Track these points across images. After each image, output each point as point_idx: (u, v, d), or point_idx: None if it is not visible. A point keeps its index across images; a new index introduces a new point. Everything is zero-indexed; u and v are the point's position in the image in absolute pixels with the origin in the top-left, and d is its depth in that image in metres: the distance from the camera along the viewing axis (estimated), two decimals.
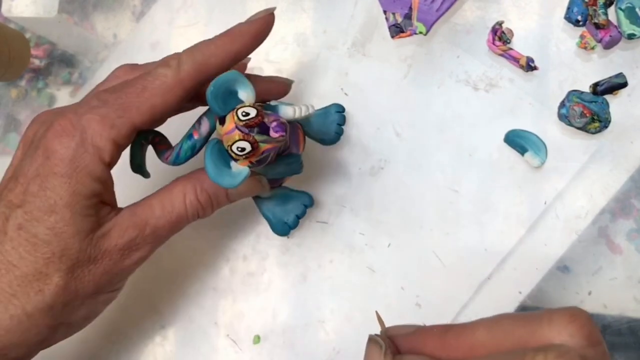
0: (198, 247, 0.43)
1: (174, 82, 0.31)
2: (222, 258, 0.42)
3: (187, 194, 0.33)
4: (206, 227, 0.43)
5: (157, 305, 0.43)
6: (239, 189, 0.34)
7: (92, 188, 0.30)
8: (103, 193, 0.31)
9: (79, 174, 0.29)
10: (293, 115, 0.33)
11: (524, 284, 0.38)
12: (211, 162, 0.30)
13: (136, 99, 0.30)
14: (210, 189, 0.33)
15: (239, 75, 0.31)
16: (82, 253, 0.30)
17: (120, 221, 0.31)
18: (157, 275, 0.43)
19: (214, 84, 0.30)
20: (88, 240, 0.30)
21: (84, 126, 0.30)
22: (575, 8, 0.39)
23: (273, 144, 0.31)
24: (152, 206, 0.32)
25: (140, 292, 0.43)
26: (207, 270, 0.42)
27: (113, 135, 0.30)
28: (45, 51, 0.49)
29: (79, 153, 0.29)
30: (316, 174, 0.41)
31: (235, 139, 0.30)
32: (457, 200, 0.39)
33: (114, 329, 0.43)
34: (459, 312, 0.38)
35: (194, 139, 0.33)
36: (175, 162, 0.34)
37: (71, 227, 0.29)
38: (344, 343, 0.40)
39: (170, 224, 0.33)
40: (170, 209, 0.32)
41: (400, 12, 0.40)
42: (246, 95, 0.31)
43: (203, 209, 0.34)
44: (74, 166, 0.29)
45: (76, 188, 0.29)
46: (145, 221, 0.32)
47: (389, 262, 0.40)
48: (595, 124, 0.38)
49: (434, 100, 0.41)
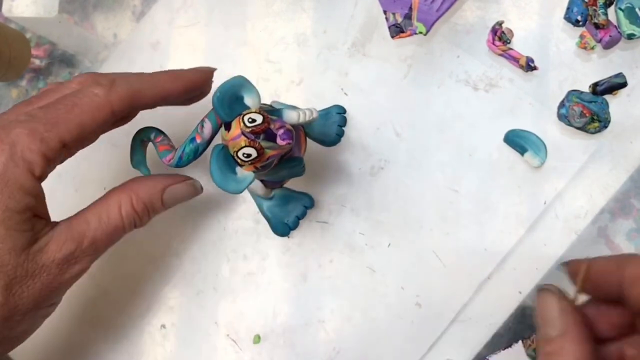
0: (198, 247, 0.43)
1: (105, 102, 0.31)
2: (222, 258, 0.42)
3: (123, 204, 0.33)
4: (206, 227, 0.43)
5: (157, 305, 0.43)
6: (175, 196, 0.35)
7: (24, 202, 0.29)
8: (36, 206, 0.30)
9: (10, 189, 0.29)
10: (297, 120, 0.33)
11: (523, 284, 0.38)
12: (217, 168, 0.30)
13: (65, 115, 0.30)
14: (146, 199, 0.34)
15: (246, 80, 0.31)
16: (19, 269, 0.29)
17: (57, 235, 0.31)
18: (156, 275, 0.43)
19: (220, 89, 0.30)
20: (24, 256, 0.29)
21: (13, 140, 0.29)
22: (575, 8, 0.39)
23: (278, 150, 0.31)
24: (88, 218, 0.32)
25: (140, 292, 0.43)
26: (207, 270, 0.42)
27: (43, 149, 0.29)
28: (46, 51, 0.49)
29: (9, 167, 0.29)
30: (316, 174, 0.41)
31: (241, 145, 0.30)
32: (457, 200, 0.39)
33: (114, 329, 0.43)
34: (459, 312, 0.38)
35: (196, 143, 0.33)
36: (177, 165, 0.34)
37: (6, 244, 0.29)
38: (344, 343, 0.40)
39: (107, 236, 0.32)
40: (107, 220, 0.32)
41: (400, 12, 0.40)
42: (252, 101, 0.31)
43: (140, 219, 0.34)
44: (4, 181, 0.29)
45: (8, 203, 0.29)
46: (82, 234, 0.31)
47: (389, 261, 0.40)
48: (595, 124, 0.38)
49: (434, 100, 0.41)
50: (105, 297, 0.43)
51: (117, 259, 0.43)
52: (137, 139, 0.36)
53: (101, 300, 0.43)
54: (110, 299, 0.43)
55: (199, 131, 0.33)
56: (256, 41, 0.44)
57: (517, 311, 0.38)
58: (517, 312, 0.38)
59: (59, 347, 0.43)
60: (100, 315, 0.43)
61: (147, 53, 0.46)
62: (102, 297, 0.43)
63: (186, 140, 0.33)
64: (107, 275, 0.43)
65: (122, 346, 0.43)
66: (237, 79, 0.31)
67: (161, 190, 0.34)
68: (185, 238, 0.43)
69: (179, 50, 0.45)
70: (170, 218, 0.42)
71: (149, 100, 0.33)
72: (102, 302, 0.43)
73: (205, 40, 0.45)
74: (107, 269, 0.43)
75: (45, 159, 0.30)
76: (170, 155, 0.34)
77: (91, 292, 0.43)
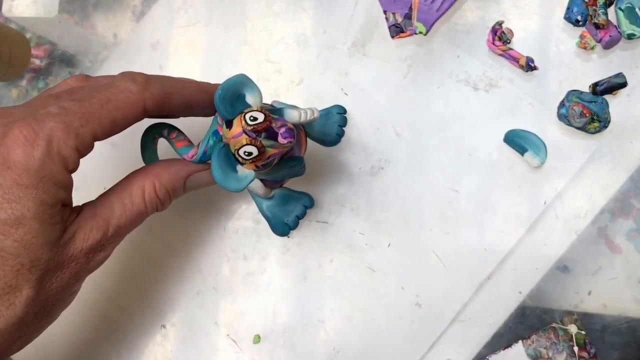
0: (198, 247, 0.43)
1: (138, 100, 0.31)
2: (222, 258, 0.42)
3: (147, 190, 0.32)
4: (206, 227, 0.43)
5: (157, 305, 0.43)
6: (197, 182, 0.34)
7: (57, 196, 0.29)
8: (66, 197, 0.30)
9: (46, 184, 0.28)
10: (298, 119, 0.33)
11: (523, 284, 0.38)
12: (218, 166, 0.30)
13: (99, 109, 0.30)
14: (169, 185, 0.33)
15: (247, 79, 0.31)
16: (51, 262, 0.29)
17: (83, 223, 0.30)
18: (157, 275, 0.43)
19: (222, 87, 0.30)
20: (56, 248, 0.29)
21: (48, 135, 0.28)
22: (575, 8, 0.39)
23: (279, 149, 0.30)
24: (112, 204, 0.32)
25: (141, 292, 0.43)
26: (207, 270, 0.42)
27: (77, 144, 0.29)
28: (46, 51, 0.49)
29: (46, 163, 0.28)
30: (316, 173, 0.41)
31: (243, 143, 0.30)
32: (457, 200, 0.39)
33: (114, 329, 0.43)
34: (459, 312, 0.38)
35: (219, 134, 0.33)
36: (201, 160, 0.34)
37: (40, 238, 0.28)
38: (344, 343, 0.40)
39: (131, 222, 0.32)
40: (131, 206, 0.32)
41: (400, 12, 0.40)
42: (254, 100, 0.31)
43: (162, 204, 0.33)
44: (40, 176, 0.28)
45: (43, 198, 0.28)
46: (107, 221, 0.31)
47: (389, 262, 0.40)
48: (595, 124, 0.38)
49: (434, 100, 0.41)
50: (105, 296, 0.43)
51: (117, 259, 0.43)
52: (149, 136, 0.35)
53: (101, 300, 0.43)
54: (110, 299, 0.43)
55: (219, 122, 0.33)
56: (256, 41, 0.44)
57: (517, 311, 0.38)
58: (517, 312, 0.38)
59: (59, 347, 0.43)
60: (100, 315, 0.43)
61: (147, 53, 0.46)
62: (102, 297, 0.43)
63: (208, 134, 0.33)
64: (107, 275, 0.43)
65: (122, 346, 0.43)
66: (238, 77, 0.30)
67: (184, 177, 0.34)
68: (185, 238, 0.43)
69: (179, 50, 0.45)
70: (170, 218, 0.42)
71: (176, 106, 0.32)
72: (102, 302, 0.43)
73: (205, 40, 0.45)
74: (108, 268, 0.43)
75: (78, 154, 0.30)
76: (193, 151, 0.34)
77: (91, 292, 0.43)
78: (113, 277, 0.43)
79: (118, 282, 0.43)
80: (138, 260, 0.43)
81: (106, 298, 0.43)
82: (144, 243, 0.43)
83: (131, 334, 0.43)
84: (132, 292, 0.43)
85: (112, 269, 0.43)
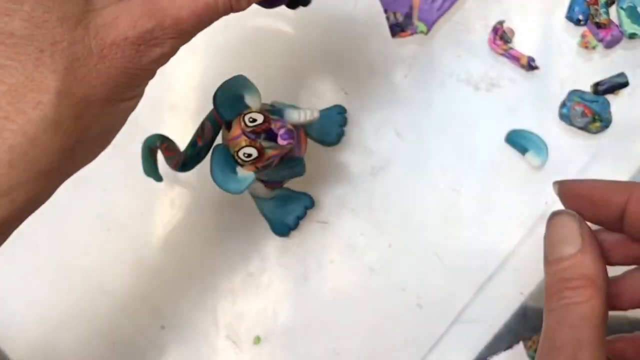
0: (198, 248, 0.43)
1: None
2: (222, 258, 0.42)
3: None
4: (206, 227, 0.43)
5: (157, 305, 0.43)
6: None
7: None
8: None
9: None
10: (298, 119, 0.33)
11: (525, 285, 0.38)
12: (217, 167, 0.30)
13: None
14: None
15: (246, 80, 0.31)
16: (80, 46, 0.24)
17: (130, 9, 0.25)
18: (157, 275, 0.43)
19: (220, 89, 0.30)
20: (82, 30, 0.24)
21: None
22: (577, 7, 0.39)
23: (279, 150, 0.30)
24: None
25: (141, 292, 0.43)
26: (207, 271, 0.42)
27: None
28: None
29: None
30: (316, 174, 0.41)
31: (242, 144, 0.29)
32: (457, 201, 0.39)
33: (114, 329, 0.43)
34: (460, 313, 0.38)
35: (198, 146, 0.33)
36: (181, 170, 0.34)
37: (54, 12, 0.23)
38: (344, 344, 0.39)
39: (196, 16, 0.26)
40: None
41: (401, 11, 0.40)
42: (253, 101, 0.31)
43: (237, 0, 0.27)
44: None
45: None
46: (163, 11, 0.25)
47: (389, 262, 0.40)
48: (597, 124, 0.38)
49: (434, 100, 0.41)
50: (104, 297, 0.43)
51: (116, 259, 0.43)
52: (145, 147, 0.35)
53: (100, 300, 0.43)
54: (109, 300, 0.43)
55: (200, 134, 0.33)
56: (256, 40, 0.44)
57: (519, 312, 0.38)
58: (519, 312, 0.38)
59: (58, 347, 0.43)
60: (99, 315, 0.43)
61: None
62: (100, 297, 0.43)
63: (188, 145, 0.33)
64: (106, 275, 0.43)
65: (121, 347, 0.43)
66: (237, 78, 0.30)
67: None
68: (184, 238, 0.43)
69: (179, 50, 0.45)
70: (169, 218, 0.42)
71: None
72: (101, 303, 0.43)
73: (205, 40, 0.45)
74: (106, 269, 0.43)
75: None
76: (175, 161, 0.34)
77: (90, 292, 0.43)
78: (111, 278, 0.43)
79: (116, 282, 0.43)
80: (137, 260, 0.43)
81: (104, 298, 0.43)
82: (143, 243, 0.43)
83: (131, 334, 0.43)
84: (131, 292, 0.43)
85: (111, 269, 0.43)
